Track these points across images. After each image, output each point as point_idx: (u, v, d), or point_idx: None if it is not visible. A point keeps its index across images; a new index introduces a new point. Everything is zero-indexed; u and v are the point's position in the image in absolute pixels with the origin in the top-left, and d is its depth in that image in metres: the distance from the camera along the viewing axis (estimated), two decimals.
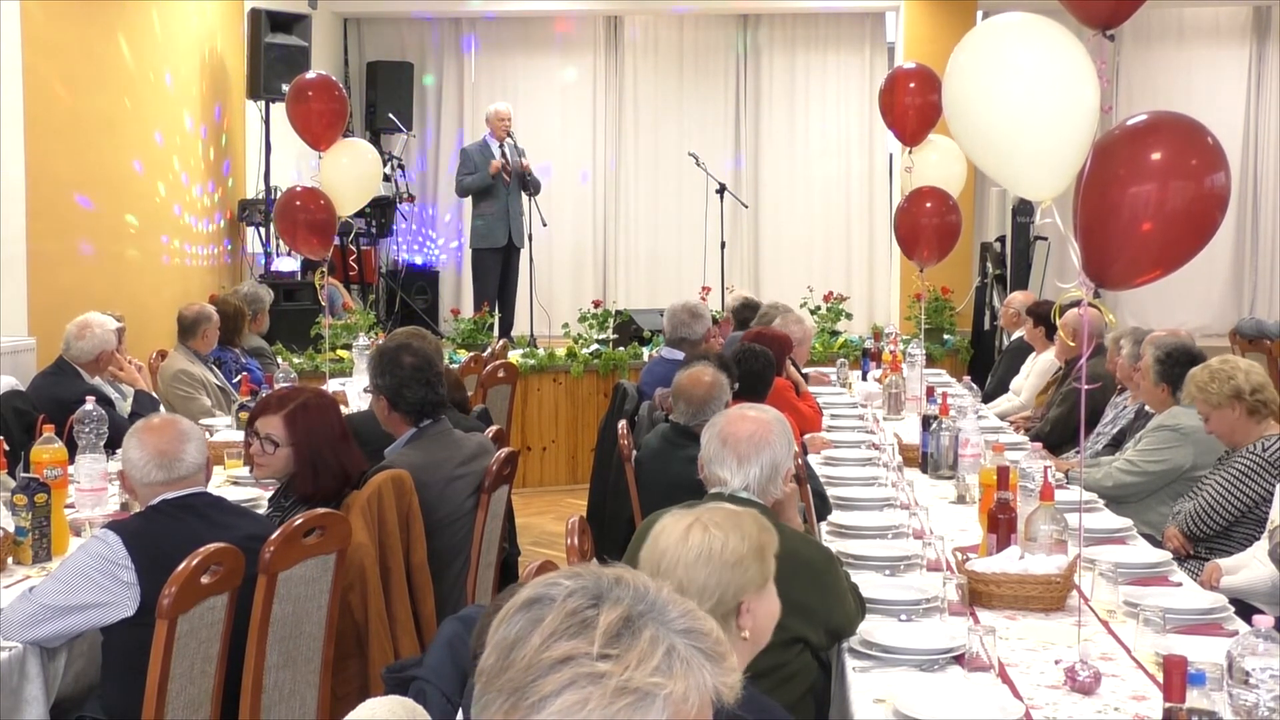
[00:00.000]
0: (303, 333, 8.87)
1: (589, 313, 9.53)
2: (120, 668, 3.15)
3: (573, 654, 1.29)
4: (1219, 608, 3.28)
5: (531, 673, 1.30)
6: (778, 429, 3.29)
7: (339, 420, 3.89)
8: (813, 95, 12.05)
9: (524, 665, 1.30)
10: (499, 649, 1.33)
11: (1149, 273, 3.02)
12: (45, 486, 3.68)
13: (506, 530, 4.79)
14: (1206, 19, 11.95)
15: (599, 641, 1.30)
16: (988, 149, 3.37)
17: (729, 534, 2.36)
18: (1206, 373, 4.45)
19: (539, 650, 1.30)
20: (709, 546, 2.34)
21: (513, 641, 1.33)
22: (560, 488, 9.00)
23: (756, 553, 2.37)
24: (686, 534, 2.36)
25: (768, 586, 2.41)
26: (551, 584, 1.37)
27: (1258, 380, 4.39)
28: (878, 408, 6.63)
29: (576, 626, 1.31)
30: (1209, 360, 4.61)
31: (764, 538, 2.41)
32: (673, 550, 2.35)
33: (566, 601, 1.33)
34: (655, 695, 1.29)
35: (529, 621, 1.33)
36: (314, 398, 3.89)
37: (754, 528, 2.41)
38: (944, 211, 6.54)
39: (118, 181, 8.12)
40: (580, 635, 1.30)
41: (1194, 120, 3.03)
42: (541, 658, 1.30)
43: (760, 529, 2.43)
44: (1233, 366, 4.43)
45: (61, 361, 5.71)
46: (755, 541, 2.38)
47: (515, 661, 1.31)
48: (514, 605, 1.36)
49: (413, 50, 12.09)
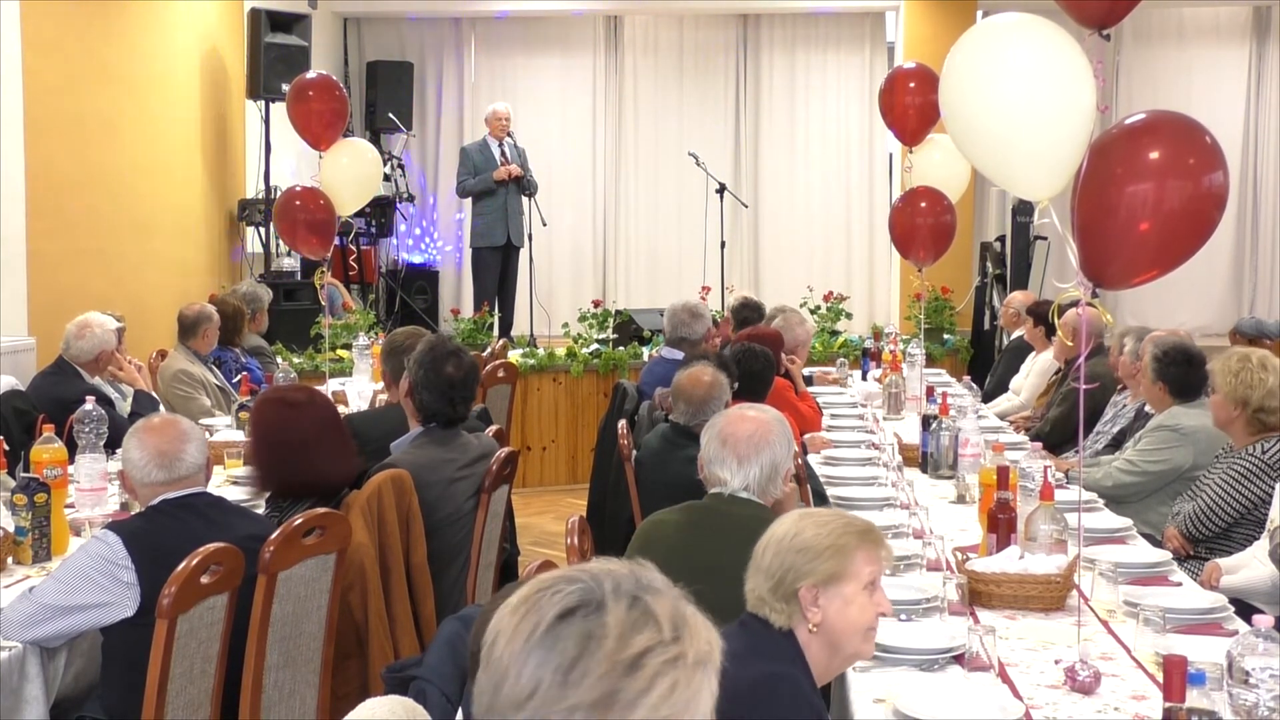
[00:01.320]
0: (303, 332, 8.87)
1: (589, 312, 9.53)
2: (120, 668, 3.15)
3: (650, 645, 1.35)
4: (1219, 607, 3.28)
5: (614, 675, 1.33)
6: (777, 429, 3.29)
7: (314, 424, 3.74)
8: (813, 95, 12.04)
9: (602, 672, 1.34)
10: (555, 668, 1.34)
11: (1147, 272, 3.02)
12: (45, 486, 3.68)
13: (506, 530, 4.79)
14: (1206, 19, 11.94)
15: (668, 628, 1.37)
16: (985, 149, 3.37)
17: (809, 526, 2.50)
18: (1238, 363, 4.41)
19: (616, 652, 1.34)
20: (786, 532, 2.50)
21: (574, 656, 1.34)
22: (560, 488, 9.00)
23: (832, 550, 2.47)
24: (786, 521, 2.55)
25: (841, 587, 2.47)
26: (566, 594, 1.38)
27: (1272, 404, 4.35)
28: (878, 408, 6.63)
29: (640, 621, 1.37)
30: (1252, 351, 4.55)
31: (847, 540, 2.49)
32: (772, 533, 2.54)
33: (618, 602, 1.37)
34: (714, 656, 1.40)
35: (582, 633, 1.35)
36: (290, 395, 3.85)
37: (843, 528, 2.51)
38: (939, 211, 6.54)
39: (118, 181, 8.12)
40: (648, 627, 1.36)
41: (1191, 119, 3.03)
42: (620, 658, 1.34)
43: (853, 533, 2.51)
44: (1258, 378, 4.36)
45: (61, 361, 5.71)
46: (835, 540, 2.48)
47: (589, 671, 1.33)
48: (538, 626, 1.36)
49: (413, 50, 12.09)
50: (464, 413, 4.29)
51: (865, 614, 2.51)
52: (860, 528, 2.54)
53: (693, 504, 3.37)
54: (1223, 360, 4.48)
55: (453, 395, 4.19)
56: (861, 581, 2.49)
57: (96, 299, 6.89)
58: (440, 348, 4.27)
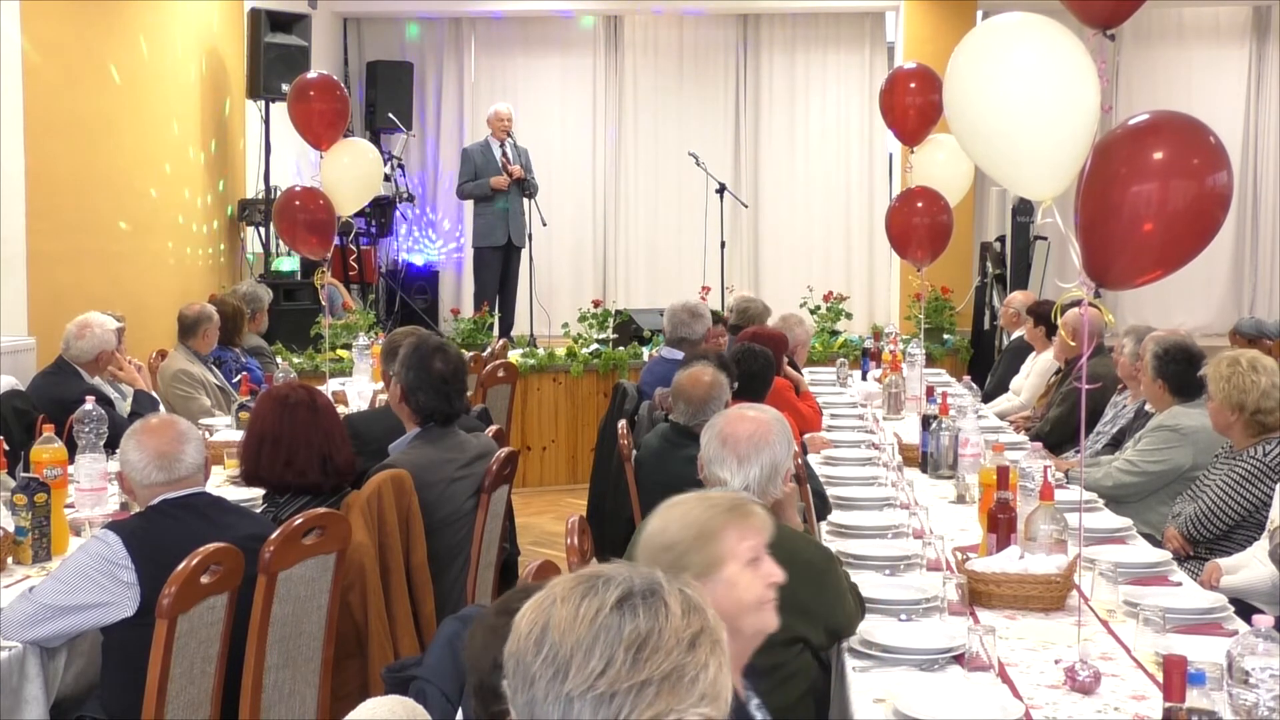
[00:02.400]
0: (303, 332, 8.87)
1: (589, 312, 9.53)
2: (120, 668, 3.15)
3: (702, 628, 1.49)
4: (1219, 607, 3.28)
5: (679, 651, 1.46)
6: (777, 429, 3.29)
7: (307, 425, 3.76)
8: (813, 95, 12.05)
9: (670, 646, 1.45)
10: (628, 645, 1.44)
11: (1150, 272, 3.02)
12: (45, 486, 3.68)
13: (506, 530, 4.79)
14: (1206, 19, 11.95)
15: (710, 615, 1.51)
16: (988, 149, 3.37)
17: (674, 519, 2.37)
18: (1229, 368, 4.39)
19: (681, 630, 1.47)
20: (651, 531, 2.38)
21: (646, 631, 1.45)
22: (560, 487, 9.00)
23: (700, 538, 2.34)
24: (653, 519, 2.41)
25: (720, 573, 2.34)
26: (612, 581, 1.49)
27: (1269, 404, 4.34)
28: (878, 408, 6.63)
29: (690, 607, 1.50)
30: (1242, 353, 4.53)
31: (714, 523, 2.35)
32: (640, 534, 2.45)
33: (671, 587, 1.50)
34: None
35: (650, 613, 1.47)
36: (289, 394, 3.86)
37: (707, 512, 2.37)
38: (935, 211, 6.54)
39: (118, 181, 8.12)
40: (695, 613, 1.50)
41: (1196, 119, 3.02)
42: (683, 636, 1.47)
43: (719, 512, 2.37)
44: (1250, 381, 4.34)
45: (61, 361, 5.71)
46: (701, 527, 2.34)
47: (661, 645, 1.45)
48: (601, 610, 1.47)
49: (413, 50, 12.09)
50: (459, 407, 4.30)
51: (752, 590, 2.37)
52: (726, 504, 2.41)
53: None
54: (1214, 365, 4.46)
55: (447, 390, 4.20)
56: (741, 560, 2.36)
57: (96, 299, 6.88)
58: (424, 346, 4.29)
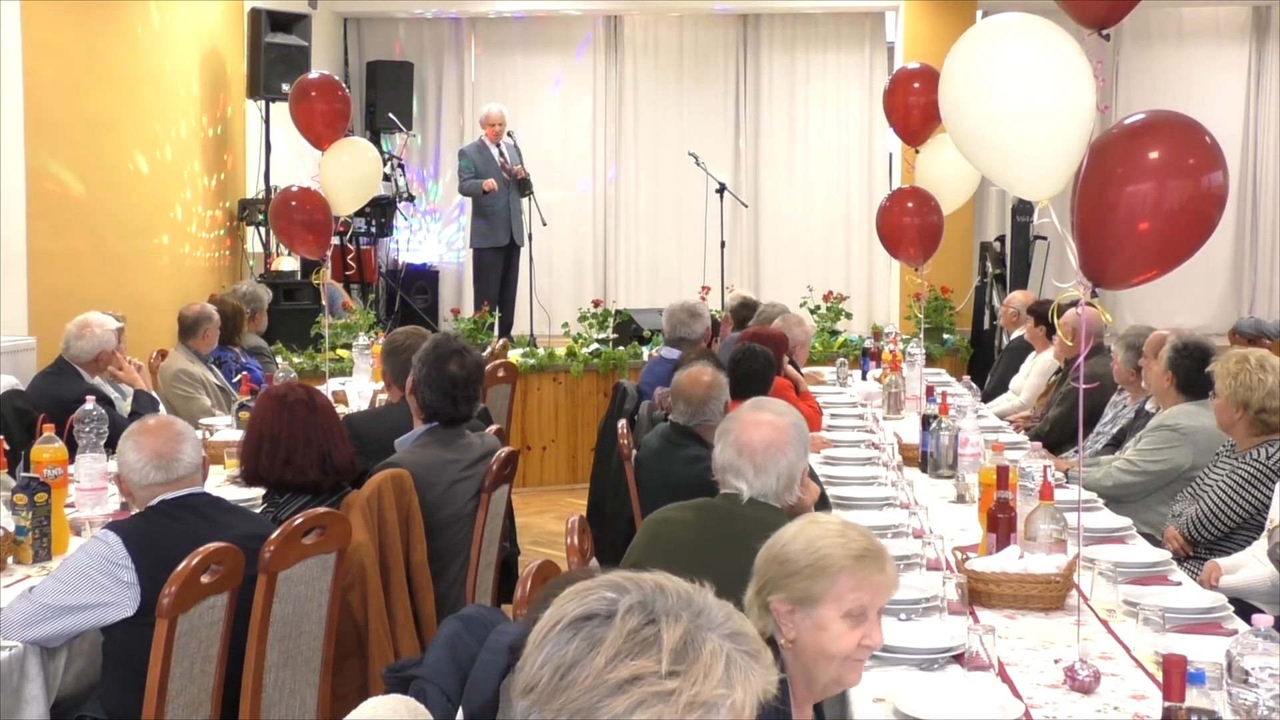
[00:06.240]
0: (303, 332, 8.87)
1: (589, 312, 9.53)
2: (120, 667, 3.15)
3: (641, 674, 1.32)
4: (1218, 607, 3.28)
5: (597, 693, 1.32)
6: (794, 434, 3.25)
7: (307, 424, 3.76)
8: (813, 95, 12.04)
9: (588, 686, 1.32)
10: (554, 668, 1.34)
11: (1146, 272, 3.02)
12: (45, 486, 3.68)
13: (506, 530, 4.79)
14: (1206, 19, 11.94)
15: (666, 660, 1.33)
16: (985, 149, 3.37)
17: (803, 537, 2.36)
18: (1236, 365, 4.40)
19: (604, 671, 1.32)
20: (780, 537, 2.38)
21: (571, 662, 1.34)
22: (560, 487, 9.00)
23: (813, 568, 2.31)
24: (791, 525, 2.42)
25: (815, 610, 2.32)
26: (598, 598, 1.38)
27: (1273, 404, 4.34)
28: (877, 407, 6.63)
29: (639, 646, 1.34)
30: (1251, 351, 4.53)
31: (835, 561, 2.32)
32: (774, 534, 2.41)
33: (625, 620, 1.35)
34: (721, 705, 1.34)
35: (586, 641, 1.35)
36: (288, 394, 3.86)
37: (836, 547, 2.33)
38: (926, 211, 6.53)
39: (118, 181, 8.13)
40: (645, 654, 1.33)
41: (1191, 119, 3.02)
42: (607, 678, 1.32)
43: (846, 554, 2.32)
44: (1257, 379, 4.34)
45: (61, 361, 5.71)
46: (819, 558, 2.31)
47: (576, 681, 1.33)
48: (559, 622, 1.37)
49: (412, 50, 12.09)
50: (467, 412, 4.26)
51: (840, 642, 2.31)
52: (858, 549, 2.34)
53: (705, 503, 3.32)
54: (1222, 362, 4.47)
55: (455, 394, 4.17)
56: (842, 607, 2.31)
57: (96, 299, 6.89)
58: (444, 346, 4.26)
